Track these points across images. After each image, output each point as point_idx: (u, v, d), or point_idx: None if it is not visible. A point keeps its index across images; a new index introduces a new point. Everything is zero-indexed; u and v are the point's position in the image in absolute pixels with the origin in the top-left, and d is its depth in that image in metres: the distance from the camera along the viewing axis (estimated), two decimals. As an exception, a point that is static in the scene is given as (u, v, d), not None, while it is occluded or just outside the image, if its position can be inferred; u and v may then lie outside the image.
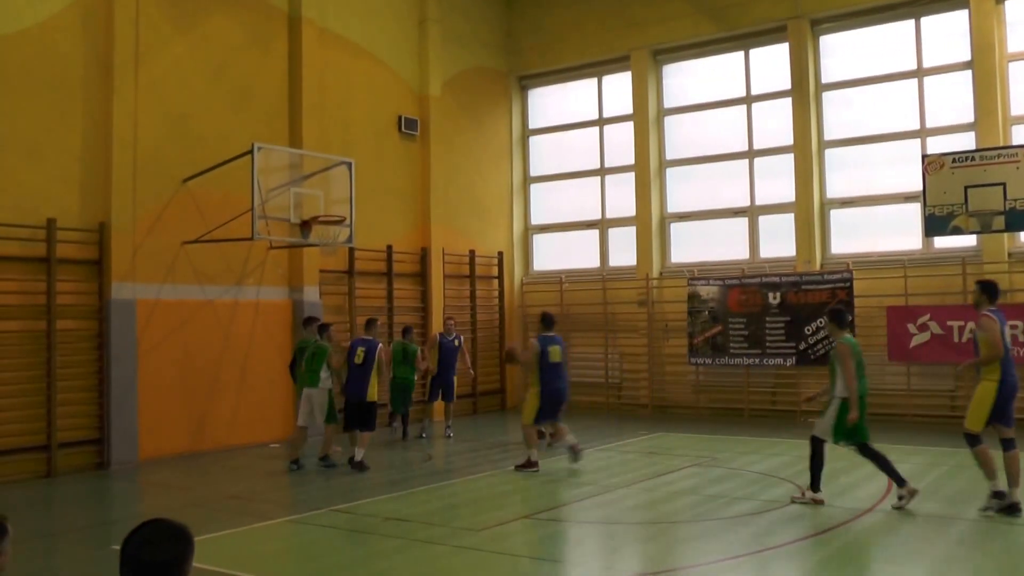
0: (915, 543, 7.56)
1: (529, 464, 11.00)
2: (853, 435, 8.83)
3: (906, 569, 6.86)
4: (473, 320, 18.29)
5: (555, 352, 11.28)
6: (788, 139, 16.57)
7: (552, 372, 11.20)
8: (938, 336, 14.44)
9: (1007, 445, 8.27)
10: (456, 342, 14.71)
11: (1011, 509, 8.10)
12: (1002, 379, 8.25)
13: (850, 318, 10.94)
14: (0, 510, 3.21)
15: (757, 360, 16.03)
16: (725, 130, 17.58)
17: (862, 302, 15.16)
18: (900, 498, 8.52)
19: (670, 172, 18.25)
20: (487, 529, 8.21)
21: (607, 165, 19.06)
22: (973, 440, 8.34)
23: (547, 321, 11.55)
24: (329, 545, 7.87)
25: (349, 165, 13.90)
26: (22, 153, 11.54)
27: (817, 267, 16.01)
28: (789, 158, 16.55)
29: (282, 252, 14.55)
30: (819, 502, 8.82)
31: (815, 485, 8.91)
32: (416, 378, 14.32)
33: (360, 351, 11.65)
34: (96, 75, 12.28)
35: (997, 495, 8.21)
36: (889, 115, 15.91)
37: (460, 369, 14.91)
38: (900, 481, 8.57)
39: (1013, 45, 14.84)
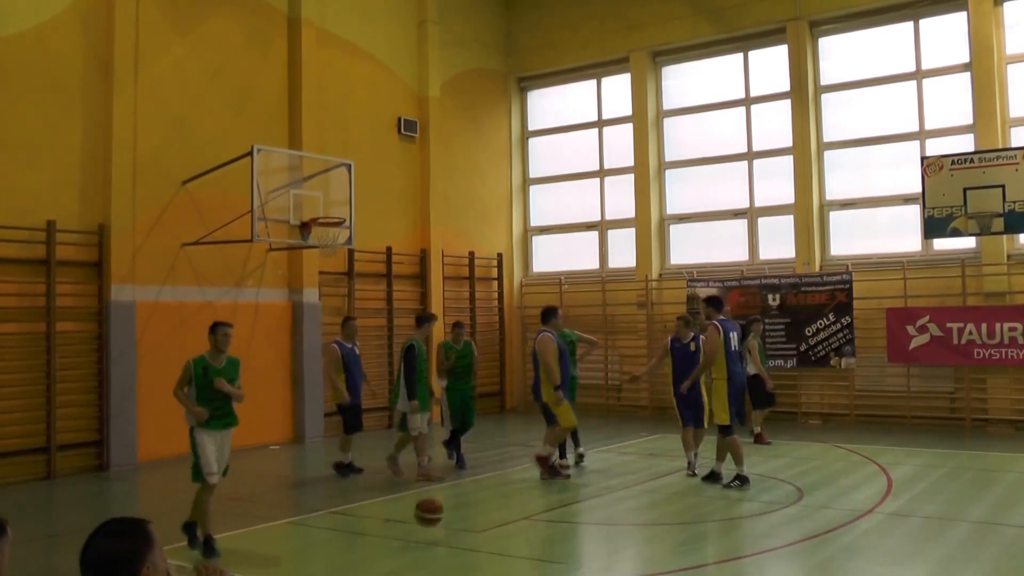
0: (915, 545, 7.56)
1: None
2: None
3: (906, 571, 6.86)
4: (472, 322, 18.28)
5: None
6: (787, 141, 16.58)
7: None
8: (937, 338, 14.44)
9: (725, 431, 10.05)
10: (692, 346, 11.13)
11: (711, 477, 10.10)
12: (728, 377, 10.00)
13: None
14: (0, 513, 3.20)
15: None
16: (724, 132, 17.59)
17: (861, 304, 15.17)
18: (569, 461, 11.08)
19: (669, 173, 18.26)
20: (487, 531, 8.21)
21: (606, 166, 19.06)
22: (726, 430, 9.95)
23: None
24: (328, 547, 7.87)
25: (348, 167, 13.90)
26: (21, 155, 11.53)
27: (816, 269, 16.01)
28: (788, 160, 16.56)
29: (282, 254, 14.55)
30: (564, 467, 10.87)
31: (563, 455, 11.06)
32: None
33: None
34: (96, 76, 12.28)
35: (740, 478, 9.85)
36: (888, 117, 15.91)
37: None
38: (566, 452, 11.03)
39: (1012, 47, 14.85)
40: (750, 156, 17.32)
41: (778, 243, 16.82)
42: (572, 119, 19.59)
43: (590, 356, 13.93)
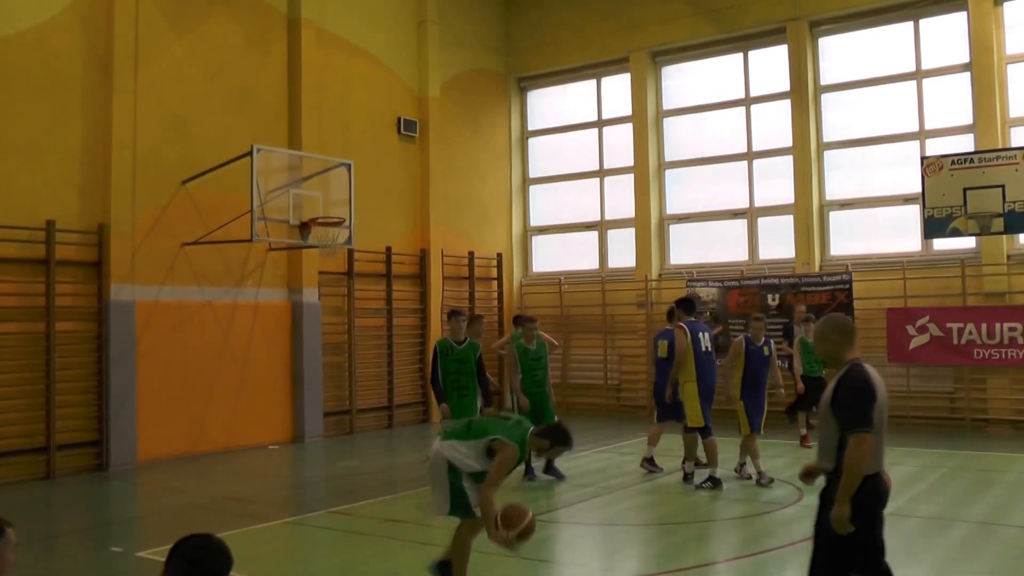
0: (914, 545, 7.55)
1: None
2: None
3: (905, 571, 6.83)
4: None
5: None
6: (787, 141, 16.58)
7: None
8: (937, 338, 14.44)
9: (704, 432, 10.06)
10: (766, 350, 10.63)
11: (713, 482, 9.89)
12: (698, 379, 10.02)
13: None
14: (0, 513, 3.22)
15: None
16: (724, 132, 17.59)
17: (861, 304, 15.16)
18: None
19: (669, 173, 18.26)
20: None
21: (606, 166, 19.06)
22: (704, 432, 10.00)
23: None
24: (327, 547, 7.86)
25: (348, 167, 13.90)
26: (21, 154, 11.53)
27: (816, 269, 16.02)
28: (788, 160, 16.56)
29: (281, 254, 14.55)
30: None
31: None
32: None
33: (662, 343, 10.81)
34: (95, 76, 12.28)
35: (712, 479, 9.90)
36: (888, 117, 15.91)
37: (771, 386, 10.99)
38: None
39: (1012, 47, 14.85)
40: (750, 156, 17.32)
41: (778, 243, 16.82)
42: (572, 119, 19.58)
43: (593, 356, 13.82)
